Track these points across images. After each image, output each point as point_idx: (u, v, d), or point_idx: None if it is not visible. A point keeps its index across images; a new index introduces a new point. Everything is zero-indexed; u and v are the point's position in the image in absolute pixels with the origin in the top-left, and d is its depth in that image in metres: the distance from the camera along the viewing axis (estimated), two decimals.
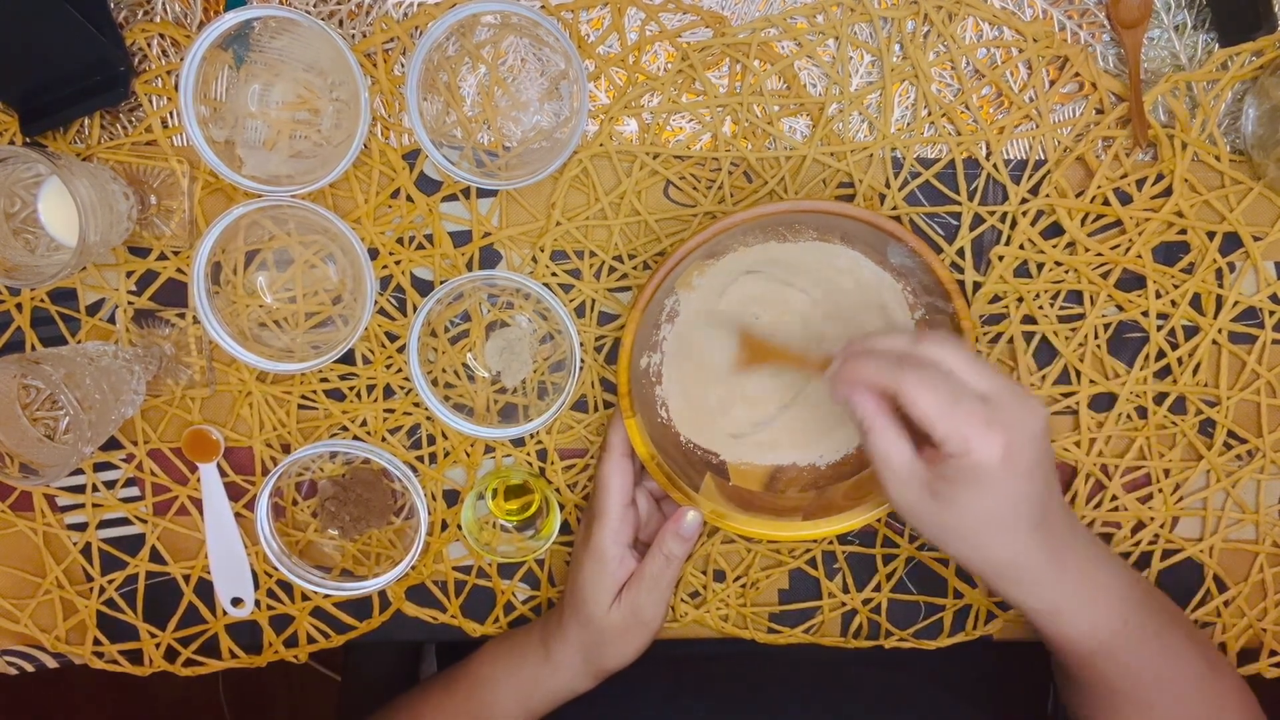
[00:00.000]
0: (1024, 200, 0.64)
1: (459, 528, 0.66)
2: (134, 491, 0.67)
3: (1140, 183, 0.64)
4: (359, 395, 0.66)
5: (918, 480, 0.51)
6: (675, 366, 0.63)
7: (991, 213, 0.64)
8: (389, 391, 0.66)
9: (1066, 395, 0.66)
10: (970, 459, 0.48)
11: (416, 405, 0.66)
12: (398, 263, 0.64)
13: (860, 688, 0.70)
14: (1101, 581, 0.55)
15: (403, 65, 0.63)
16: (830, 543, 0.68)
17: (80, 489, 0.67)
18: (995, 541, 0.52)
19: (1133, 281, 0.65)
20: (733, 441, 0.64)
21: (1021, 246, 0.64)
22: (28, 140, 0.62)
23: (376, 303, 0.64)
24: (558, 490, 0.67)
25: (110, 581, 0.68)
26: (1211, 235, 0.64)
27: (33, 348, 0.65)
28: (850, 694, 0.69)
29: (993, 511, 0.50)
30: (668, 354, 0.62)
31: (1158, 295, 0.64)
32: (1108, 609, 0.55)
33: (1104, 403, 0.66)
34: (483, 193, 0.64)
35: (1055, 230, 0.64)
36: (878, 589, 0.68)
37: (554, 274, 0.65)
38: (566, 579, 0.64)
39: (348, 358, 0.66)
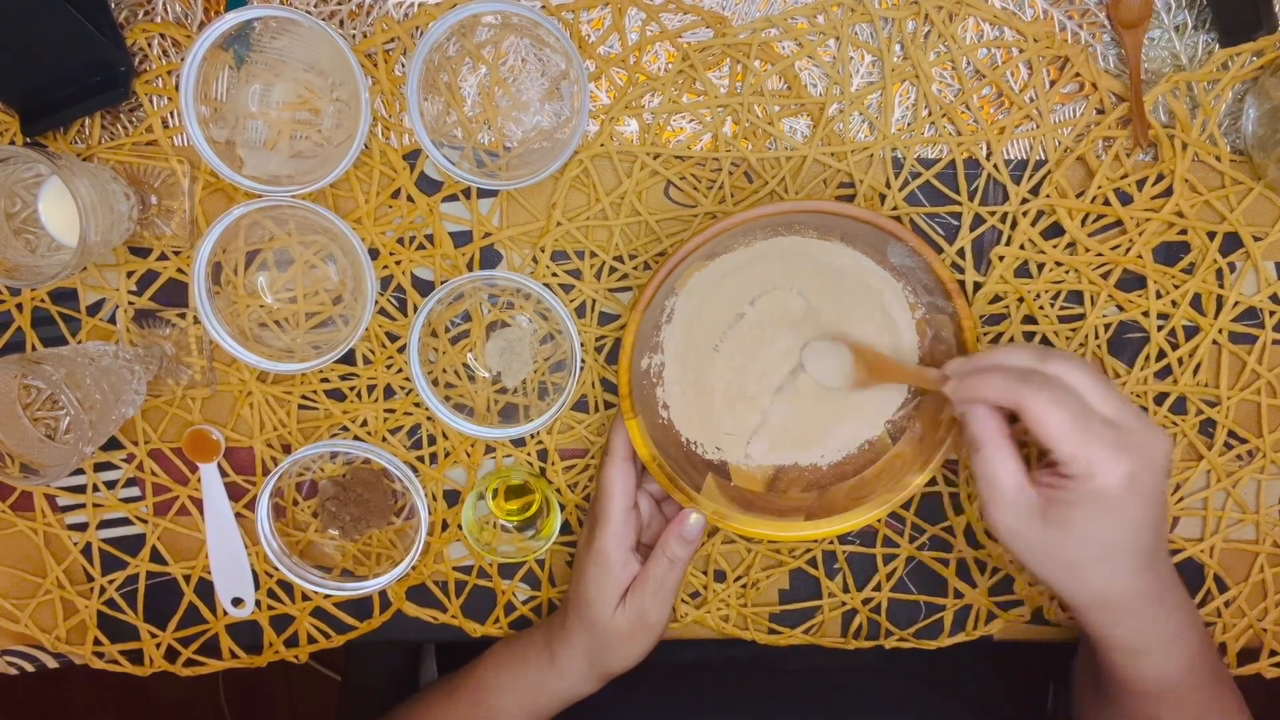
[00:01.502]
0: (1024, 200, 0.64)
1: (459, 528, 0.66)
2: (134, 491, 0.67)
3: (1141, 183, 0.64)
4: (359, 395, 0.66)
5: (1026, 505, 0.50)
6: (676, 367, 0.63)
7: (992, 213, 0.64)
8: (389, 391, 0.66)
9: None
10: (1095, 483, 0.47)
11: (417, 405, 0.66)
12: (398, 263, 0.64)
13: (858, 694, 0.70)
14: (1186, 625, 0.54)
15: (403, 65, 0.63)
16: (830, 543, 0.68)
17: (81, 489, 0.67)
18: (1103, 572, 0.51)
19: (1133, 282, 0.65)
20: (734, 442, 0.64)
21: (1022, 247, 0.64)
22: (28, 140, 0.62)
23: (377, 303, 0.64)
24: (558, 490, 0.67)
25: (110, 581, 0.68)
26: (1212, 235, 0.64)
27: (33, 348, 0.65)
28: (848, 700, 0.69)
29: (1108, 539, 0.49)
30: (669, 354, 0.62)
31: (1158, 295, 0.64)
32: (1185, 653, 0.55)
33: None
34: (483, 193, 0.64)
35: (1055, 230, 0.64)
36: (878, 589, 0.68)
37: (554, 274, 0.65)
38: (570, 583, 0.64)
39: (348, 358, 0.66)
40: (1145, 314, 0.64)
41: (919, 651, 0.69)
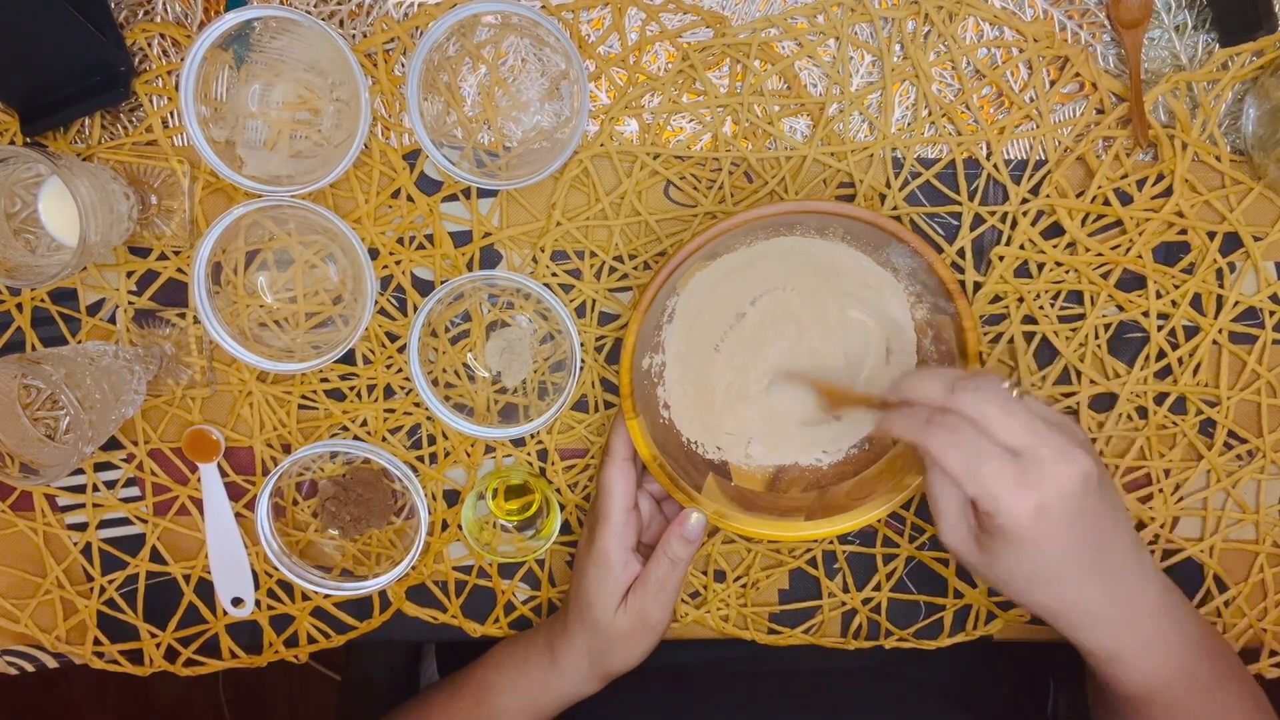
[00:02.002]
0: (1024, 200, 0.64)
1: (459, 528, 0.66)
2: (134, 491, 0.67)
3: (1141, 183, 0.64)
4: (359, 395, 0.66)
5: (966, 528, 0.51)
6: (677, 367, 0.63)
7: (992, 213, 0.64)
8: (389, 391, 0.66)
9: (1067, 395, 0.66)
10: (1002, 519, 0.47)
11: (417, 405, 0.66)
12: (398, 263, 0.64)
13: (858, 695, 0.70)
14: (1167, 630, 0.54)
15: (403, 65, 0.63)
16: (830, 542, 0.68)
17: (80, 489, 0.67)
18: (1043, 591, 0.51)
19: (1133, 281, 0.65)
20: (735, 441, 0.64)
21: (1022, 246, 0.64)
22: (28, 140, 0.62)
23: (377, 303, 0.64)
24: (558, 490, 0.67)
25: (110, 581, 0.68)
26: (1212, 235, 0.64)
27: (33, 348, 0.65)
28: (848, 702, 0.69)
29: (1033, 566, 0.50)
30: (670, 354, 0.62)
31: (1158, 295, 0.64)
32: (1167, 658, 0.54)
33: (1104, 403, 0.66)
34: (483, 193, 0.64)
35: (1055, 230, 0.64)
36: (878, 589, 0.68)
37: (554, 274, 0.65)
38: (570, 584, 0.64)
39: (348, 358, 0.66)
40: (1145, 314, 0.64)
41: (919, 652, 0.69)
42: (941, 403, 0.49)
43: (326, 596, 0.68)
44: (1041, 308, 0.65)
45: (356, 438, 0.66)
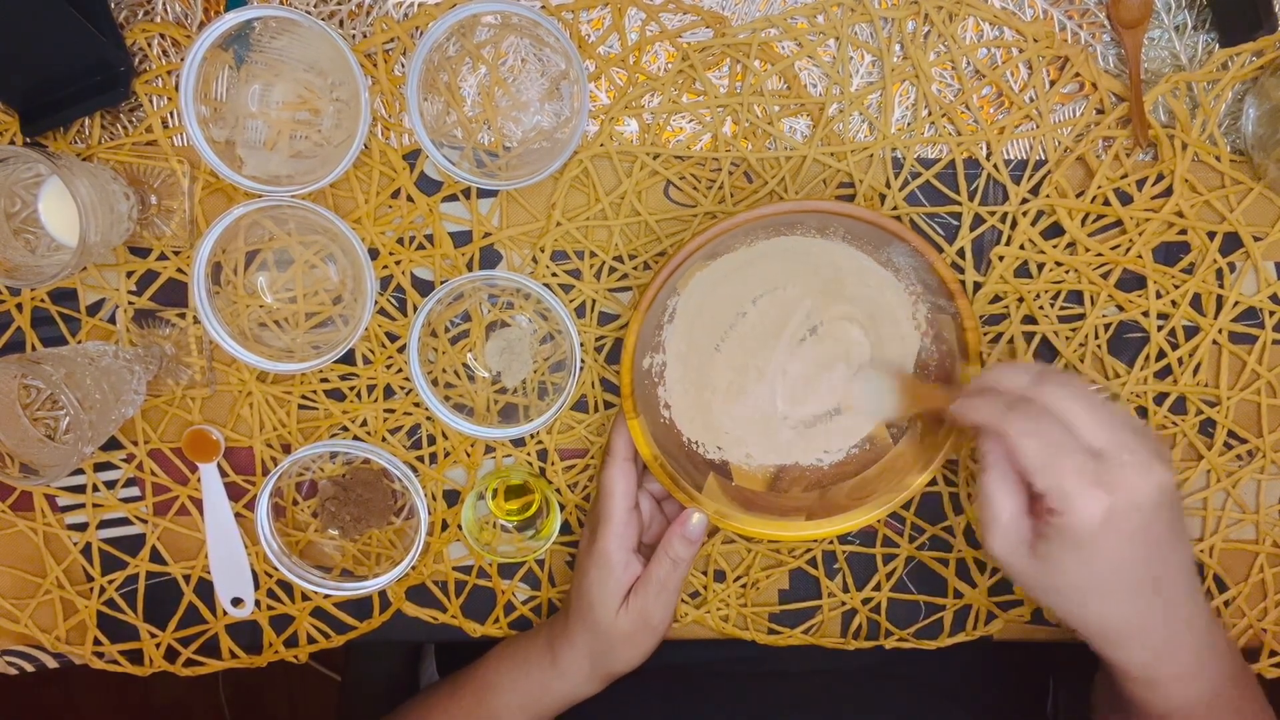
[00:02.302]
0: (1024, 200, 0.64)
1: (459, 528, 0.66)
2: (134, 491, 0.67)
3: (1140, 183, 0.64)
4: (359, 395, 0.66)
5: (1017, 535, 0.49)
6: (678, 366, 0.63)
7: (992, 213, 0.64)
8: (389, 391, 0.66)
9: None
10: (1069, 517, 0.46)
11: (417, 405, 0.66)
12: (398, 263, 0.64)
13: (858, 696, 0.70)
14: (1207, 659, 0.53)
15: (403, 65, 0.63)
16: (830, 542, 0.68)
17: (80, 489, 0.67)
18: (1091, 604, 0.50)
19: (1133, 281, 0.65)
20: (735, 441, 0.64)
21: (1022, 246, 0.64)
22: (28, 140, 0.62)
23: (377, 303, 0.64)
24: (558, 490, 0.67)
25: (110, 581, 0.68)
26: (1212, 235, 0.64)
27: (33, 348, 0.65)
28: (848, 703, 0.69)
29: (1090, 574, 0.48)
30: (670, 354, 0.62)
31: (1158, 295, 0.64)
32: (1204, 685, 0.53)
33: None
34: (483, 193, 0.64)
35: (1055, 230, 0.64)
36: (878, 589, 0.68)
37: (554, 274, 0.65)
38: (571, 584, 0.64)
39: (348, 358, 0.66)
40: (1145, 314, 0.64)
41: (919, 652, 0.69)
42: (1025, 392, 0.48)
43: (326, 596, 0.68)
44: (1041, 308, 0.65)
45: (356, 438, 0.66)
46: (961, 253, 0.64)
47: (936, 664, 0.71)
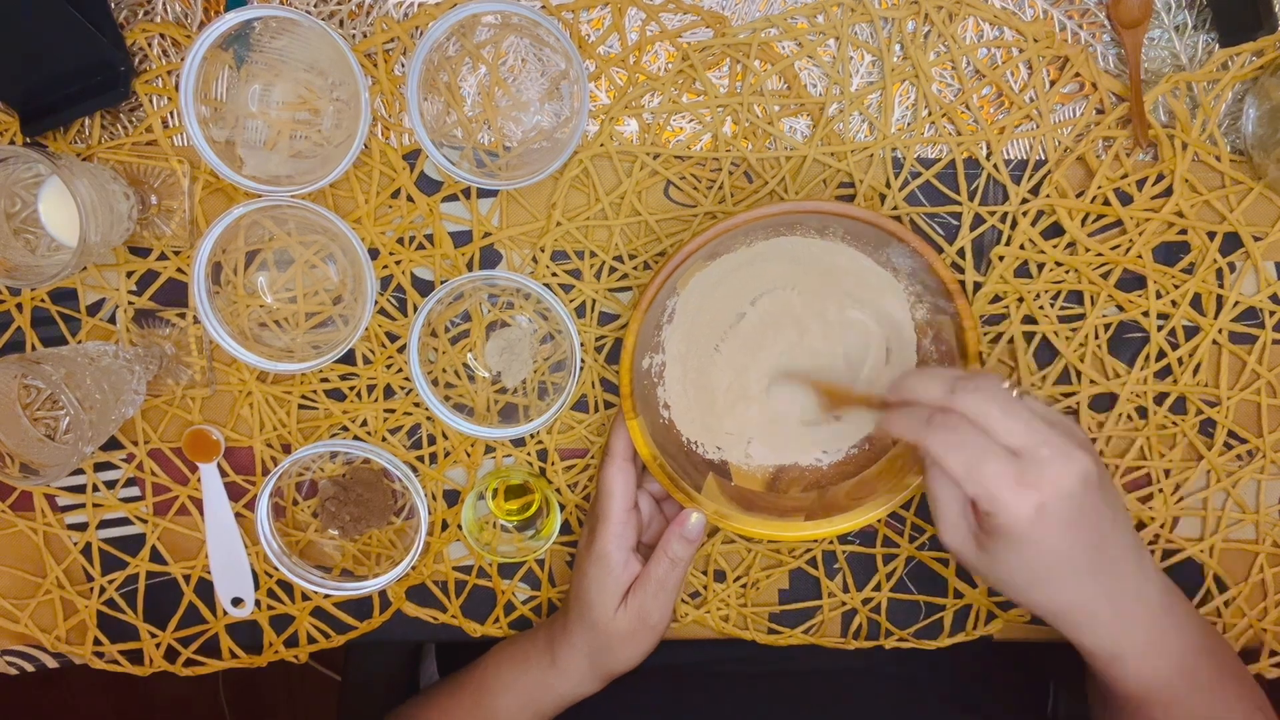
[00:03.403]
0: (1024, 200, 0.64)
1: (459, 528, 0.66)
2: (134, 491, 0.67)
3: (1140, 183, 0.64)
4: (359, 395, 0.66)
5: (966, 528, 0.51)
6: (677, 367, 0.63)
7: (992, 213, 0.64)
8: (389, 391, 0.66)
9: (1067, 395, 0.66)
10: (1002, 519, 0.48)
11: (417, 405, 0.66)
12: (398, 263, 0.64)
13: (859, 697, 0.70)
14: (1167, 630, 0.54)
15: (403, 65, 0.63)
16: (830, 542, 0.68)
17: (80, 489, 0.67)
18: (1043, 592, 0.52)
19: (1133, 281, 0.65)
20: (735, 441, 0.64)
21: (1022, 246, 0.64)
22: (28, 140, 0.62)
23: (377, 303, 0.64)
24: (558, 490, 0.67)
25: (110, 581, 0.68)
26: (1212, 235, 0.64)
27: (33, 348, 0.65)
28: (847, 702, 0.69)
29: (1035, 566, 0.50)
30: (670, 354, 0.62)
31: (1158, 295, 0.64)
32: (1168, 658, 0.54)
33: (1104, 403, 0.66)
34: (483, 193, 0.64)
35: (1055, 230, 0.64)
36: (878, 589, 0.68)
37: (554, 274, 0.65)
38: (571, 584, 0.64)
39: (348, 358, 0.66)
40: (1145, 314, 0.64)
41: (919, 652, 0.69)
42: (942, 402, 0.49)
43: (326, 596, 0.68)
44: (1041, 308, 0.65)
45: (356, 438, 0.66)
46: (961, 253, 0.64)
47: (937, 664, 0.71)
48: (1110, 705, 0.59)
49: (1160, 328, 0.65)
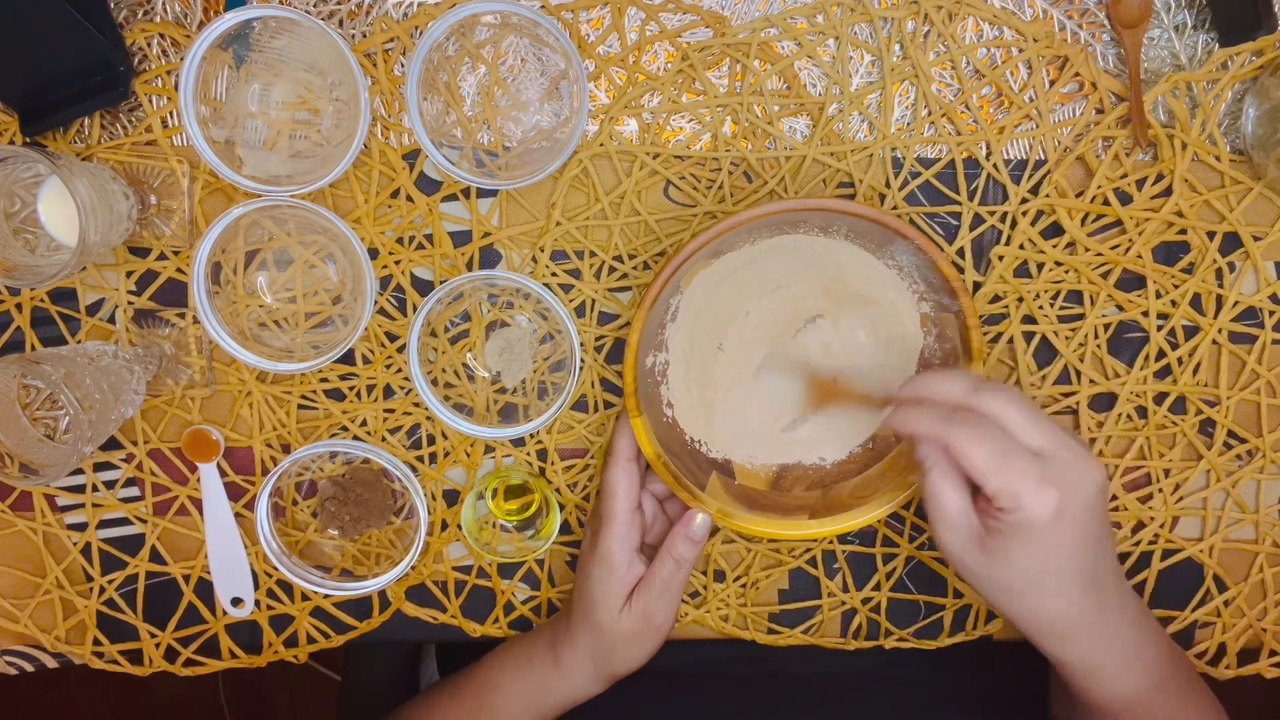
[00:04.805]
0: (1024, 200, 0.64)
1: (459, 528, 0.66)
2: (134, 491, 0.67)
3: (1140, 183, 0.64)
4: (359, 395, 0.66)
5: (967, 530, 0.51)
6: (681, 365, 0.63)
7: (991, 213, 0.64)
8: (389, 391, 0.66)
9: (1066, 395, 0.66)
10: (1022, 514, 0.48)
11: (416, 405, 0.66)
12: (398, 263, 0.64)
13: (857, 696, 0.70)
14: (1143, 644, 0.55)
15: (403, 65, 0.63)
16: (830, 542, 0.68)
17: (80, 489, 0.67)
18: (1041, 598, 0.52)
19: (1133, 281, 0.65)
20: (738, 440, 0.64)
21: (1021, 246, 0.64)
22: (28, 140, 0.62)
23: (376, 303, 0.64)
24: (558, 490, 0.67)
25: (110, 581, 0.68)
26: (1211, 235, 0.64)
27: (33, 348, 0.65)
28: (848, 702, 0.69)
29: (1042, 568, 0.50)
30: (673, 353, 0.62)
31: (1158, 295, 0.64)
32: (1144, 671, 0.55)
33: (1104, 403, 0.66)
34: (483, 193, 0.64)
35: (1055, 230, 0.64)
36: (877, 588, 0.68)
37: (554, 274, 0.65)
38: (574, 584, 0.64)
39: (348, 358, 0.66)
40: (1145, 314, 0.64)
41: (918, 652, 0.69)
42: (962, 401, 0.50)
43: (326, 596, 0.68)
44: (1041, 308, 0.65)
45: (356, 438, 0.66)
46: (961, 252, 0.64)
47: (936, 664, 0.71)
48: (1080, 713, 0.59)
49: (1160, 328, 0.65)
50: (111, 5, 0.61)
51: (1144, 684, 0.56)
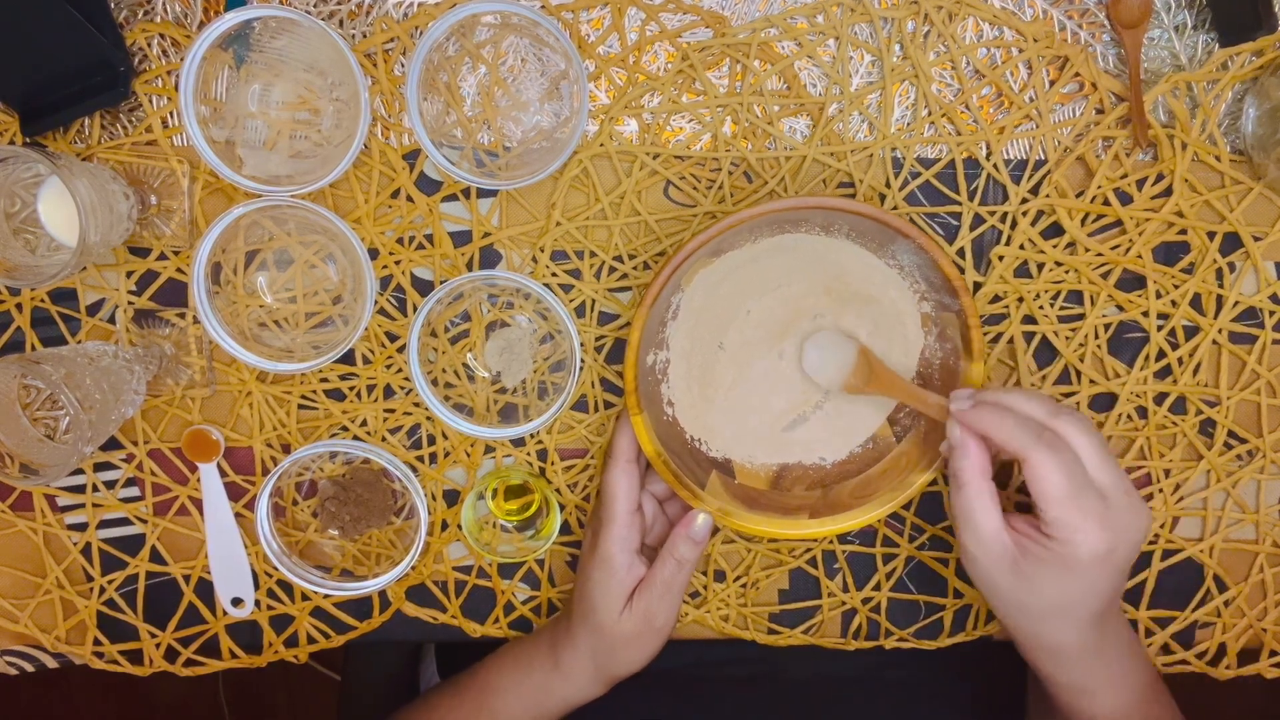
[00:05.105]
0: (1024, 200, 0.64)
1: (459, 528, 0.66)
2: (134, 491, 0.67)
3: (1140, 183, 0.64)
4: (359, 395, 0.66)
5: (1000, 549, 0.51)
6: (681, 364, 0.63)
7: (992, 213, 0.64)
8: (389, 391, 0.66)
9: (1067, 395, 0.66)
10: (1072, 549, 0.49)
11: (416, 405, 0.66)
12: (398, 263, 0.64)
13: (857, 696, 0.70)
14: (1130, 668, 0.57)
15: (403, 65, 0.63)
16: (830, 542, 0.68)
17: (80, 489, 0.67)
18: (1060, 626, 0.53)
19: (1133, 281, 0.65)
20: (738, 439, 0.64)
21: (1022, 246, 0.64)
22: (28, 140, 0.62)
23: (376, 303, 0.64)
24: (558, 490, 0.67)
25: (110, 581, 0.68)
26: (1212, 235, 0.64)
27: (33, 348, 0.65)
28: (847, 702, 0.69)
29: (1067, 599, 0.51)
30: (674, 351, 0.62)
31: (1158, 295, 0.64)
32: (1129, 694, 0.57)
33: (1104, 403, 0.66)
34: (483, 193, 0.64)
35: (1055, 230, 0.64)
36: (877, 588, 0.68)
37: (554, 274, 0.65)
38: (574, 586, 0.64)
39: (348, 358, 0.66)
40: (1145, 314, 0.64)
41: (918, 652, 0.69)
42: (1045, 421, 0.51)
43: (326, 596, 0.68)
44: (1041, 308, 0.65)
45: (356, 438, 0.66)
46: (961, 253, 0.64)
47: (936, 664, 0.71)
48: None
49: (1160, 328, 0.65)
50: (111, 5, 0.61)
51: (1132, 703, 0.57)
